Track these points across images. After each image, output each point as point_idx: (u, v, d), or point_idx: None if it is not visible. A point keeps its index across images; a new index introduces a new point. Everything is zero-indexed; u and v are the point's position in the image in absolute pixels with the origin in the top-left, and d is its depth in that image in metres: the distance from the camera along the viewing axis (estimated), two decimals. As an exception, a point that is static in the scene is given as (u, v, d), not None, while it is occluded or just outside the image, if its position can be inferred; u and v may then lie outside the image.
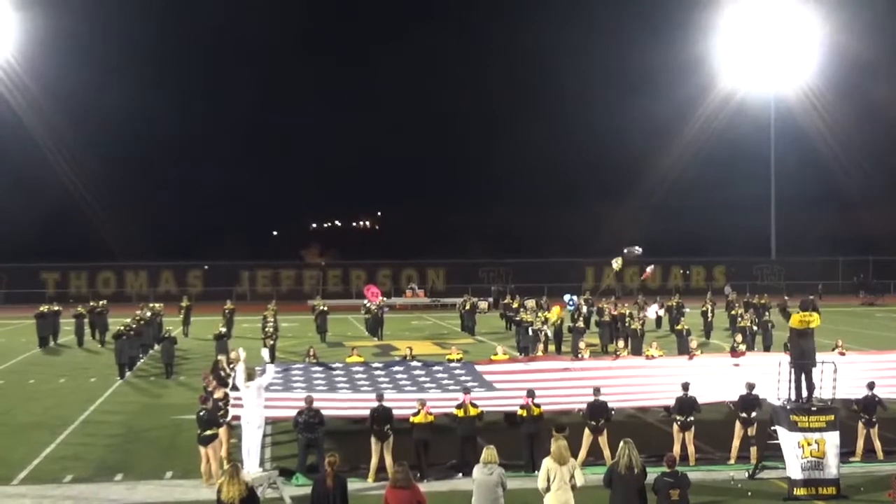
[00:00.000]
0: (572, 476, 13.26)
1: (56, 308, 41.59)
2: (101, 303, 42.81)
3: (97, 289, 64.53)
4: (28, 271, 66.61)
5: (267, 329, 33.78)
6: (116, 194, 74.04)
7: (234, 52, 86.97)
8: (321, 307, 42.18)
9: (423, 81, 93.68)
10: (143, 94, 74.81)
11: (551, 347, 34.49)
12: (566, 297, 37.69)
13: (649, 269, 34.38)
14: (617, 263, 32.24)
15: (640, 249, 32.12)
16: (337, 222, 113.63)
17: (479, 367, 23.08)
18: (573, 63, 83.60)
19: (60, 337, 40.95)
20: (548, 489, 13.31)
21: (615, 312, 37.73)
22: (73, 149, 71.29)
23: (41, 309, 40.30)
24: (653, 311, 37.69)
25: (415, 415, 18.04)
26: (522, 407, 18.40)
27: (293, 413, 18.23)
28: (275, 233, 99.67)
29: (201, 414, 17.63)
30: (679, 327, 34.41)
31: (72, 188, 72.23)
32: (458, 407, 18.33)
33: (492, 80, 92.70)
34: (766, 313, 38.37)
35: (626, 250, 31.85)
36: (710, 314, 41.06)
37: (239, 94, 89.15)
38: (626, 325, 35.42)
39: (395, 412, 18.11)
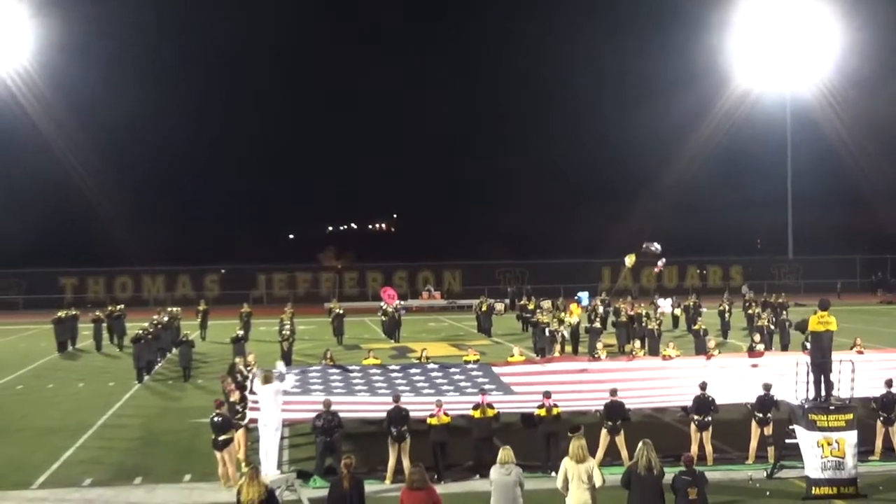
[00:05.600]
0: (591, 476, 13.26)
1: (74, 313, 41.81)
2: (118, 307, 42.95)
3: (115, 293, 64.71)
4: (46, 276, 66.86)
5: (284, 332, 33.84)
6: (133, 199, 74.40)
7: (250, 56, 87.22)
8: (338, 310, 42.23)
9: (437, 85, 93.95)
10: (159, 100, 75.08)
11: (568, 348, 34.46)
12: (580, 295, 37.63)
13: (660, 262, 34.26)
14: (630, 260, 32.11)
15: (659, 246, 31.99)
16: (353, 225, 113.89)
17: (496, 369, 23.07)
18: (588, 63, 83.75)
19: (79, 341, 41.13)
20: (566, 488, 13.33)
21: (632, 312, 37.60)
22: (89, 155, 71.53)
23: (59, 314, 40.45)
24: (667, 304, 37.49)
25: (431, 416, 18.07)
26: (540, 407, 18.38)
27: (311, 416, 18.25)
28: (291, 236, 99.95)
29: (215, 419, 17.66)
30: (696, 327, 34.26)
31: (89, 194, 72.47)
32: (475, 408, 18.34)
33: (506, 80, 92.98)
34: (784, 312, 38.21)
35: (644, 245, 31.75)
36: (727, 314, 40.88)
37: (255, 99, 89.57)
38: (643, 325, 35.34)
39: (412, 414, 18.13)
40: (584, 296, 37.70)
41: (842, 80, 72.04)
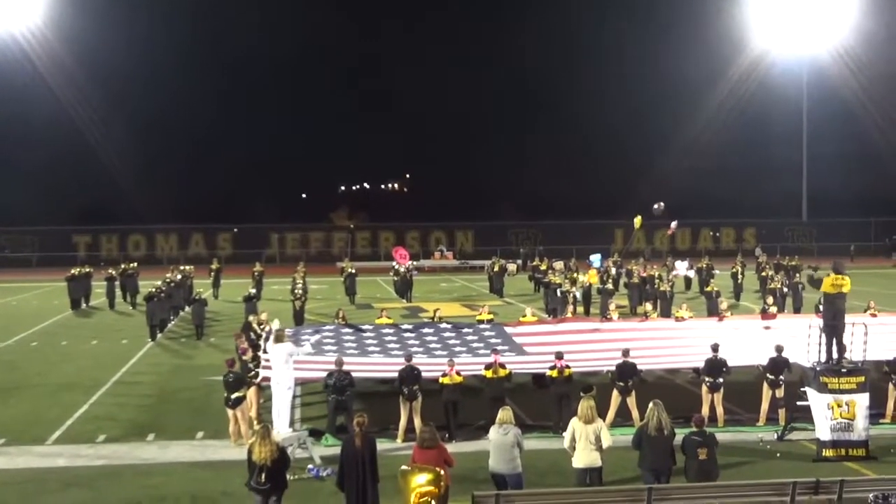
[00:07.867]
0: (599, 437, 13.30)
1: (87, 270, 42.00)
2: (131, 265, 43.12)
3: (128, 251, 65.13)
4: (60, 234, 67.23)
5: (296, 291, 33.92)
6: (146, 157, 74.36)
7: (265, 15, 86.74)
8: (350, 269, 42.28)
9: (454, 46, 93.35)
10: (173, 58, 74.93)
11: (580, 309, 34.46)
12: (591, 258, 37.52)
13: (673, 224, 34.12)
14: (638, 222, 31.90)
15: (663, 205, 31.71)
16: (366, 185, 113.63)
17: (508, 330, 23.05)
18: (603, 28, 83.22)
19: (92, 299, 41.31)
20: (573, 448, 13.39)
21: (644, 274, 37.60)
22: (102, 112, 71.51)
23: (73, 271, 40.66)
24: (683, 266, 37.33)
25: (443, 375, 18.10)
26: (552, 368, 18.38)
27: (323, 375, 18.28)
28: (304, 195, 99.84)
29: (228, 377, 17.75)
30: (709, 289, 34.25)
31: (102, 152, 72.38)
32: (487, 368, 18.35)
33: (522, 40, 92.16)
34: (797, 275, 38.10)
35: (655, 207, 31.55)
36: (740, 276, 40.82)
37: (269, 58, 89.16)
38: (655, 286, 35.31)
39: (424, 374, 18.17)
40: (595, 259, 37.53)
41: (859, 43, 71.24)
